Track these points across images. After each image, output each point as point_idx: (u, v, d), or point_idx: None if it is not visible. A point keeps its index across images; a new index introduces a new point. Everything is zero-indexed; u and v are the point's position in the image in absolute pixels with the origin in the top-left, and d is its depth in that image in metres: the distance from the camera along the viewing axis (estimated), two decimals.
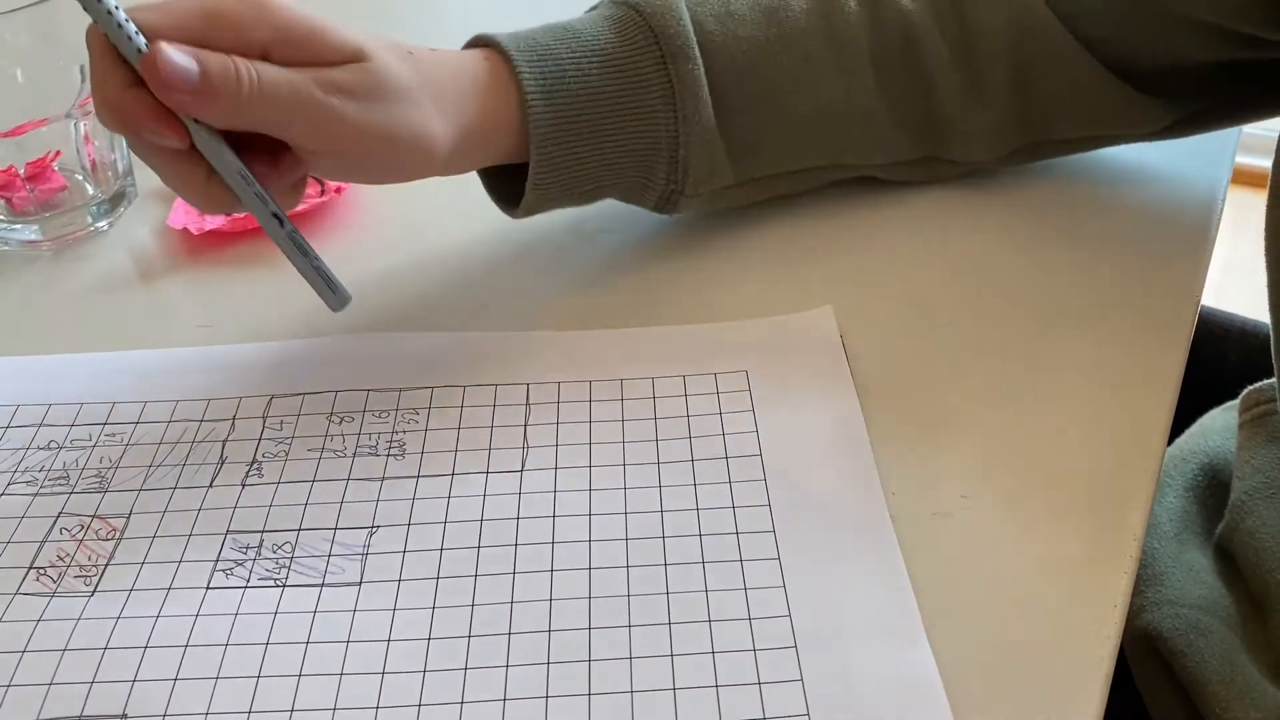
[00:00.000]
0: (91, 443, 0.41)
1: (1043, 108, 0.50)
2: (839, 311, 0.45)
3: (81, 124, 0.51)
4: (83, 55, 0.51)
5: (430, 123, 0.40)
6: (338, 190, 0.53)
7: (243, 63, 0.36)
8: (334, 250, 0.51)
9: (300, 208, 0.52)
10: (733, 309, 0.46)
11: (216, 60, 0.35)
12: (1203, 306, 0.54)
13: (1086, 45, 0.49)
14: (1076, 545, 0.35)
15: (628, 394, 0.42)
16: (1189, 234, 0.49)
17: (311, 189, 0.54)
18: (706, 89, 0.45)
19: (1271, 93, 0.49)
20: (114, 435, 0.41)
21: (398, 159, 0.40)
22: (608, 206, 0.50)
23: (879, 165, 0.51)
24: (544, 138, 0.43)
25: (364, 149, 0.39)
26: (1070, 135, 0.51)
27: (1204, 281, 0.47)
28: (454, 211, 0.52)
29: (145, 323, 0.47)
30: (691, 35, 0.45)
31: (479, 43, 0.44)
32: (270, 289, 0.49)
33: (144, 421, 0.42)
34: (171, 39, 0.35)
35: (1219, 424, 0.55)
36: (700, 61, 0.45)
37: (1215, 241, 0.50)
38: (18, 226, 0.52)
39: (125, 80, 0.36)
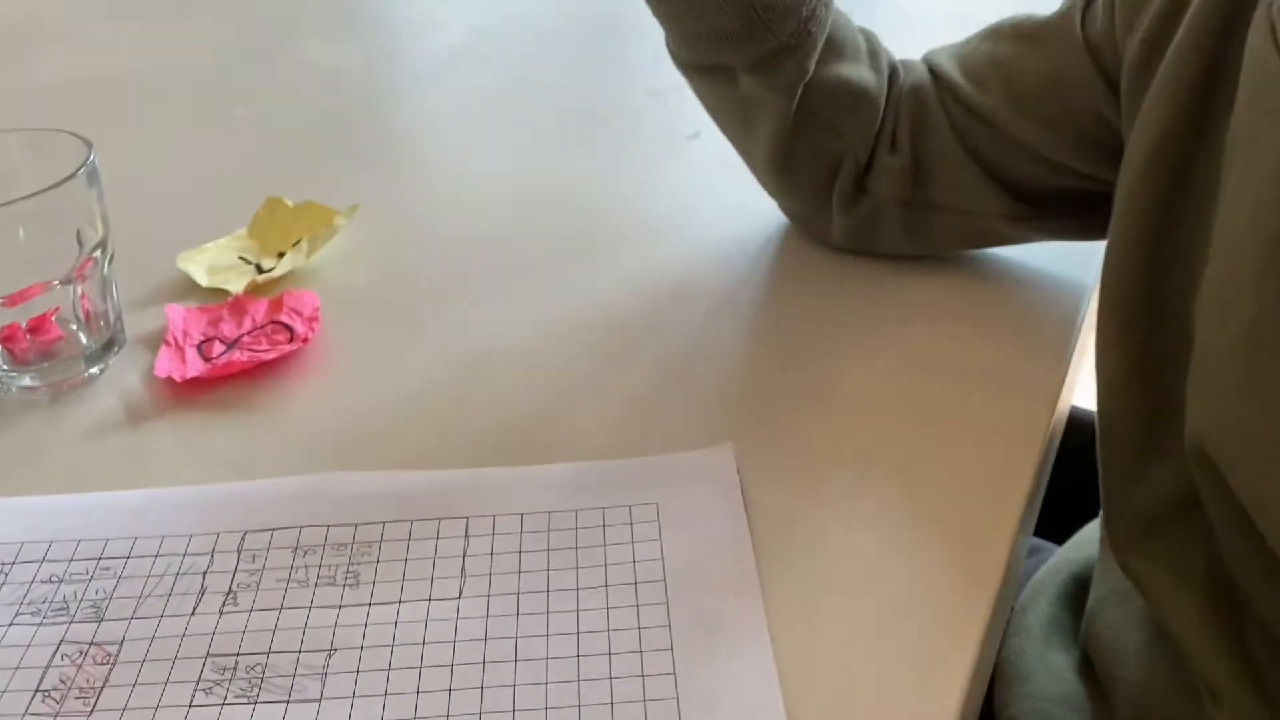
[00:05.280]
0: (88, 576, 0.47)
1: (927, 168, 0.63)
2: (738, 441, 0.52)
3: (79, 286, 0.58)
4: (81, 221, 0.58)
5: None
6: (305, 340, 0.60)
7: None
8: (301, 396, 0.57)
9: (270, 356, 0.59)
10: (646, 443, 0.53)
11: None
12: (1087, 410, 0.62)
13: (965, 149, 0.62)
14: (919, 652, 0.42)
15: (554, 525, 0.48)
16: (1053, 336, 0.57)
17: (281, 336, 0.61)
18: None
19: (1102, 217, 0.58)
20: (108, 569, 0.47)
21: None
22: (544, 356, 0.57)
23: (852, 154, 0.63)
24: None
25: None
26: (947, 204, 0.63)
27: (1063, 381, 0.54)
28: (408, 363, 0.59)
29: (134, 463, 0.54)
30: None
31: None
32: (245, 431, 0.55)
33: (134, 556, 0.48)
34: None
35: (1094, 535, 0.63)
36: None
37: (1077, 344, 0.59)
38: (17, 374, 0.59)
39: None
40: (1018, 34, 0.61)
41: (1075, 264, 0.65)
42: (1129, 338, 0.50)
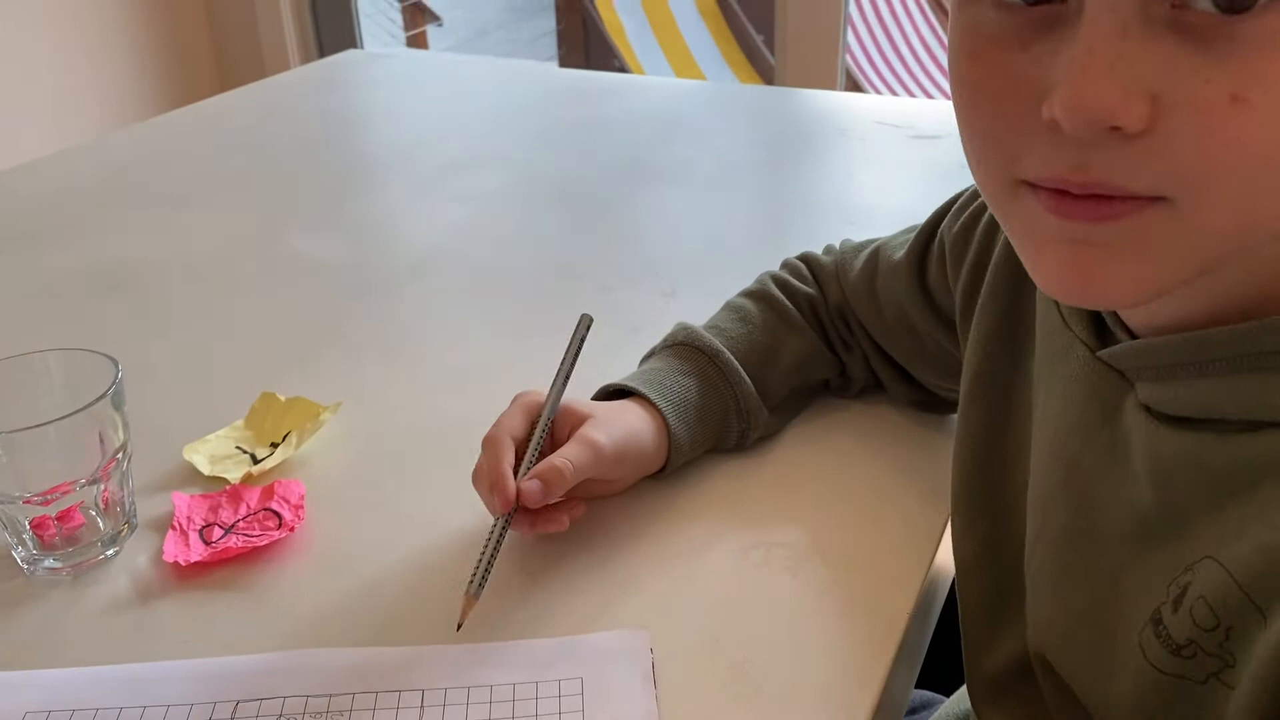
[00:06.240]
0: None
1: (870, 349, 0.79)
2: (655, 621, 0.62)
3: (101, 485, 0.68)
4: (105, 426, 0.68)
5: (640, 428, 0.70)
6: (291, 529, 0.70)
7: (561, 461, 0.65)
8: (287, 577, 0.67)
9: (261, 542, 0.69)
10: (572, 624, 0.63)
11: (551, 471, 0.65)
12: None
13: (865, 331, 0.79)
14: None
15: (496, 697, 0.58)
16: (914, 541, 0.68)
17: (271, 522, 0.71)
18: (739, 366, 0.74)
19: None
20: None
21: (634, 457, 0.70)
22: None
23: (831, 378, 0.80)
24: (677, 432, 0.72)
25: (621, 458, 0.69)
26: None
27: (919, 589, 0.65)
28: (378, 546, 0.69)
29: (143, 637, 0.64)
30: (717, 342, 0.75)
31: (616, 391, 0.74)
32: (238, 609, 0.65)
33: None
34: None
35: None
36: (729, 354, 0.74)
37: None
38: (43, 557, 0.69)
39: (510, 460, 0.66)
40: (884, 267, 0.74)
41: None
42: (975, 527, 0.61)
